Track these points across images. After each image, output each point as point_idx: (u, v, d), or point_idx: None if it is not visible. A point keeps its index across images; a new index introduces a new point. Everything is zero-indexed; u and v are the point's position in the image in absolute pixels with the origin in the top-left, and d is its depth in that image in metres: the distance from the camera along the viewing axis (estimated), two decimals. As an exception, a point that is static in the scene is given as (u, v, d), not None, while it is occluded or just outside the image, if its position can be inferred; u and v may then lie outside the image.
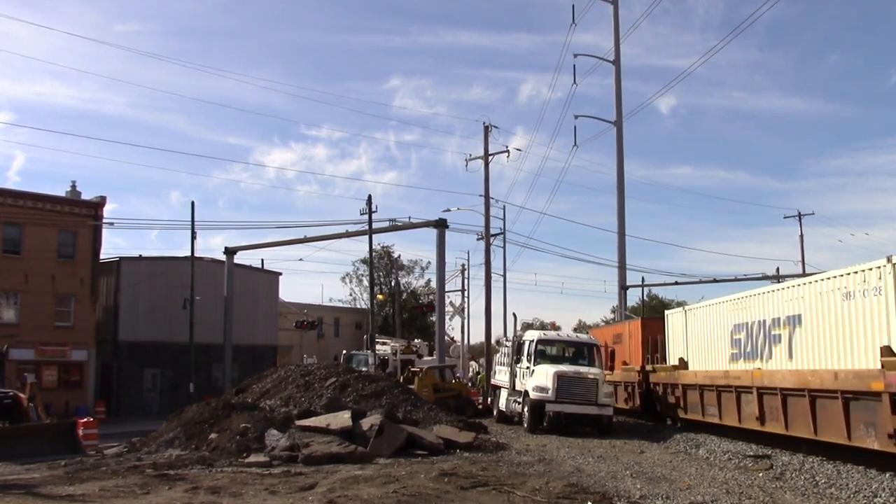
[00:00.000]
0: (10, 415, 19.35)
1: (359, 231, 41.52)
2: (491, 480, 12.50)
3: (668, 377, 23.40)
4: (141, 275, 45.93)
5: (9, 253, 39.27)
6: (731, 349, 20.66)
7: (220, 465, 14.70)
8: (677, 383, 22.49)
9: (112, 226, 48.70)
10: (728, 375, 19.25)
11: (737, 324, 20.44)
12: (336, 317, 69.86)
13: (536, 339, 24.26)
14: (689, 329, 23.82)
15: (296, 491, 11.64)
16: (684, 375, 22.26)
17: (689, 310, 24.39)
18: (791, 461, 15.30)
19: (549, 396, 21.73)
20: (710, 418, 20.20)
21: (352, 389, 21.96)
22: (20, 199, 40.39)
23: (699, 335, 23.01)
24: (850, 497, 11.98)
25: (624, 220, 37.53)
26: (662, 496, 11.60)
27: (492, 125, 38.41)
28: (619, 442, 19.77)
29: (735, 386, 18.53)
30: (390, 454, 15.93)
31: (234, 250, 47.64)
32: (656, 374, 24.56)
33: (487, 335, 37.85)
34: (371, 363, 37.08)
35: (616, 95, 38.60)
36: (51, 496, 11.46)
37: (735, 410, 18.61)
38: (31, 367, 37.10)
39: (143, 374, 45.86)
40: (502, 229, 47.40)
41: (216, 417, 18.04)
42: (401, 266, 78.43)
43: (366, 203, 39.36)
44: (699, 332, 23.04)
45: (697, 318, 23.34)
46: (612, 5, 38.98)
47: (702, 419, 20.77)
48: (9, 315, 39.32)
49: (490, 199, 38.30)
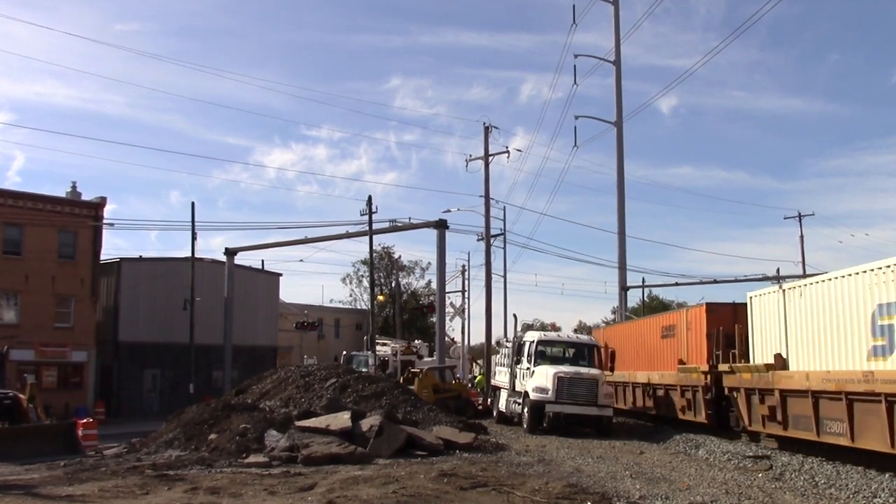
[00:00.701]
0: (9, 415, 19.36)
1: (359, 232, 41.55)
2: (490, 481, 12.50)
3: (756, 380, 17.88)
4: (141, 276, 45.94)
5: (9, 253, 39.25)
6: (872, 340, 14.30)
7: (220, 465, 14.71)
8: (772, 388, 17.09)
9: (112, 226, 48.72)
10: (871, 379, 13.72)
11: (885, 303, 13.98)
12: (336, 318, 69.87)
13: (536, 339, 24.27)
14: (790, 314, 17.44)
15: (295, 491, 11.65)
16: (785, 378, 16.72)
17: (791, 288, 17.76)
18: (791, 461, 15.30)
19: (549, 397, 21.74)
20: (832, 438, 15.04)
21: (352, 390, 21.97)
22: (20, 199, 40.40)
23: (809, 322, 16.54)
24: (850, 497, 11.98)
25: (624, 220, 37.53)
26: (662, 497, 11.61)
27: (492, 126, 38.50)
28: (619, 442, 19.77)
29: (885, 394, 13.31)
30: (390, 455, 15.93)
31: (234, 251, 47.66)
32: (735, 377, 18.95)
33: (488, 336, 37.87)
34: (371, 364, 37.07)
35: (616, 96, 38.60)
36: (50, 496, 11.47)
37: (884, 429, 13.35)
38: (31, 368, 37.11)
39: (143, 375, 45.84)
40: (503, 230, 47.33)
41: (216, 418, 18.06)
42: (401, 267, 78.46)
43: (366, 203, 39.41)
44: (810, 317, 16.52)
45: (808, 298, 16.77)
46: (613, 5, 38.98)
47: (815, 438, 15.55)
48: (9, 316, 39.28)
49: (490, 200, 38.37)
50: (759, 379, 17.76)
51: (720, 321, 21.03)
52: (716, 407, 20.57)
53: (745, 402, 18.68)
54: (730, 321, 20.77)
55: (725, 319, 20.99)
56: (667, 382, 23.33)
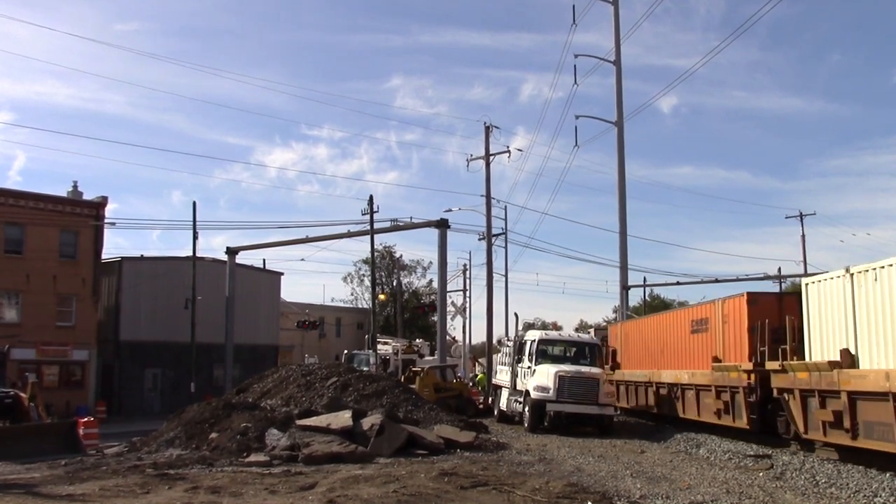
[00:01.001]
0: (10, 414, 19.40)
1: (360, 231, 41.57)
2: (491, 480, 12.50)
3: (816, 380, 15.27)
4: (142, 275, 45.98)
5: (10, 253, 39.32)
6: None
7: (221, 464, 14.71)
8: (838, 390, 14.55)
9: (114, 226, 48.82)
10: None
11: None
12: (337, 317, 69.95)
13: (538, 338, 24.28)
14: (860, 303, 14.76)
15: (296, 490, 11.64)
16: (856, 378, 14.10)
17: (861, 272, 14.81)
18: (791, 461, 15.28)
19: (550, 396, 21.75)
20: None
21: (353, 389, 21.96)
22: (22, 199, 40.46)
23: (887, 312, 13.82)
24: (850, 497, 11.96)
25: (625, 220, 37.51)
26: (662, 496, 11.60)
27: (493, 125, 38.54)
28: (620, 441, 19.77)
29: None
30: (391, 454, 15.93)
31: (235, 250, 47.69)
32: (787, 377, 16.40)
33: (489, 335, 37.87)
34: (372, 363, 37.12)
35: (617, 95, 38.56)
36: (51, 496, 11.47)
37: None
38: (32, 367, 37.05)
39: (145, 374, 45.88)
40: (504, 229, 47.48)
41: (217, 417, 18.06)
42: (402, 266, 78.54)
43: (367, 203, 39.45)
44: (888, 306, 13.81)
45: (885, 283, 13.98)
46: (613, 5, 38.93)
47: None
48: (10, 315, 39.35)
49: (491, 200, 38.38)
50: (821, 379, 15.07)
51: (764, 313, 18.42)
52: (760, 411, 18.06)
53: (799, 406, 16.10)
54: (774, 313, 18.29)
55: (770, 311, 18.46)
56: (698, 382, 20.98)
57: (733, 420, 19.15)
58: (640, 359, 25.33)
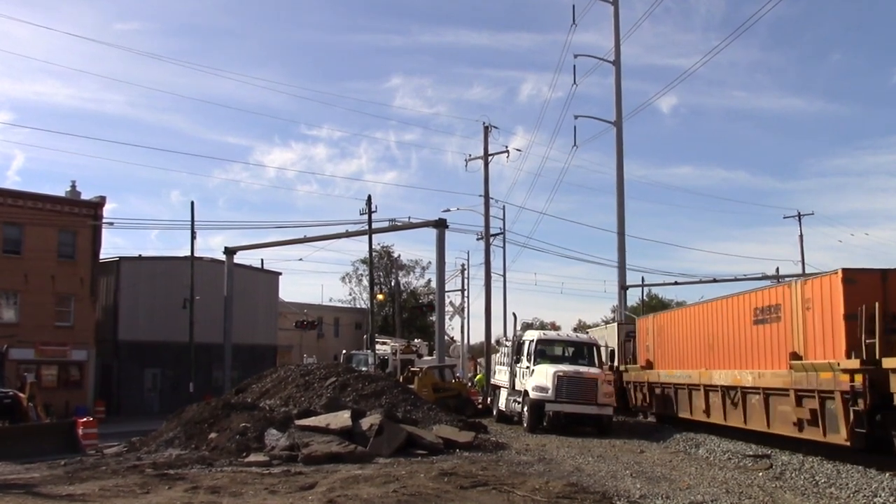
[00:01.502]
0: (9, 414, 19.37)
1: (359, 231, 41.53)
2: (491, 480, 12.50)
3: None
4: (141, 275, 45.95)
5: (9, 253, 39.26)
6: None
7: (220, 464, 14.71)
8: None
9: (112, 226, 48.72)
10: None
11: None
12: (336, 317, 69.88)
13: (536, 338, 24.28)
14: None
15: (295, 490, 11.64)
16: None
17: None
18: (791, 461, 15.29)
19: (549, 396, 21.75)
20: None
21: (351, 389, 21.96)
22: (20, 198, 40.39)
23: None
24: (850, 497, 11.97)
25: (624, 219, 37.56)
26: (662, 496, 11.61)
27: (492, 125, 38.44)
28: (619, 441, 19.78)
29: None
30: (390, 454, 15.93)
31: (233, 250, 47.65)
32: None
33: (487, 335, 37.84)
34: (371, 363, 37.07)
35: (616, 96, 38.61)
36: (50, 496, 11.47)
37: None
38: (31, 367, 37.08)
39: (143, 374, 45.85)
40: (502, 229, 47.50)
41: (216, 417, 18.05)
42: (401, 266, 78.48)
43: (366, 203, 39.38)
44: None
45: None
46: (613, 5, 38.99)
47: None
48: (9, 315, 39.32)
49: (490, 199, 38.32)
50: None
51: (864, 296, 14.14)
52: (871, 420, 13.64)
53: None
54: (878, 295, 14.09)
55: (872, 293, 14.17)
56: (768, 385, 16.88)
57: (824, 434, 14.95)
58: (682, 356, 21.90)
